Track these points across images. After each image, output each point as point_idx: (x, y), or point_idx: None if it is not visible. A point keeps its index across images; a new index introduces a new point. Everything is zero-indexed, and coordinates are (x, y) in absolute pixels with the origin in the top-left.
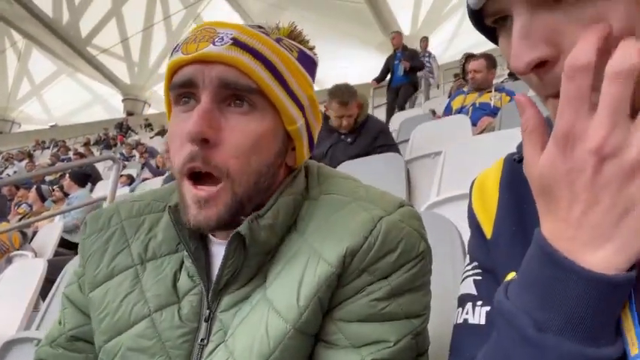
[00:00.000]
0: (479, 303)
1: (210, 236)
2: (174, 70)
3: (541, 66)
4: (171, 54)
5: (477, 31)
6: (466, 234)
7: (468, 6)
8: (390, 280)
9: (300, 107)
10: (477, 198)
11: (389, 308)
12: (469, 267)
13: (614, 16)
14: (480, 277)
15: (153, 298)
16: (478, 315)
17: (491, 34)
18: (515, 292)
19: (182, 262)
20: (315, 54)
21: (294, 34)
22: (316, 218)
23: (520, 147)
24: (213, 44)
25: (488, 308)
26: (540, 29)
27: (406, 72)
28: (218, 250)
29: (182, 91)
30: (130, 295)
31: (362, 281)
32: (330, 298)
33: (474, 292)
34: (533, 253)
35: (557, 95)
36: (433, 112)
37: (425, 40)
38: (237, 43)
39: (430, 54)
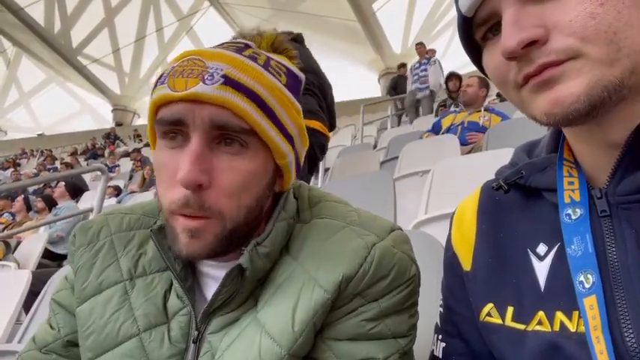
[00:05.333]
0: (440, 337)
1: None
2: (160, 104)
3: (531, 45)
4: (156, 85)
5: (464, 52)
6: None
7: (459, 16)
8: (381, 302)
9: (290, 140)
10: (456, 230)
11: (377, 328)
12: (440, 298)
13: (594, 4)
14: (441, 310)
15: (142, 317)
16: (439, 349)
17: (475, 55)
18: None
19: (172, 281)
20: (299, 65)
21: (276, 44)
22: (310, 243)
23: (498, 174)
24: (204, 82)
25: (444, 345)
26: (528, 16)
27: None
28: (207, 269)
29: (170, 128)
30: (118, 312)
31: (354, 304)
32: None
33: (439, 323)
34: None
35: (533, 76)
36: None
37: (421, 46)
38: (228, 81)
39: (430, 59)
